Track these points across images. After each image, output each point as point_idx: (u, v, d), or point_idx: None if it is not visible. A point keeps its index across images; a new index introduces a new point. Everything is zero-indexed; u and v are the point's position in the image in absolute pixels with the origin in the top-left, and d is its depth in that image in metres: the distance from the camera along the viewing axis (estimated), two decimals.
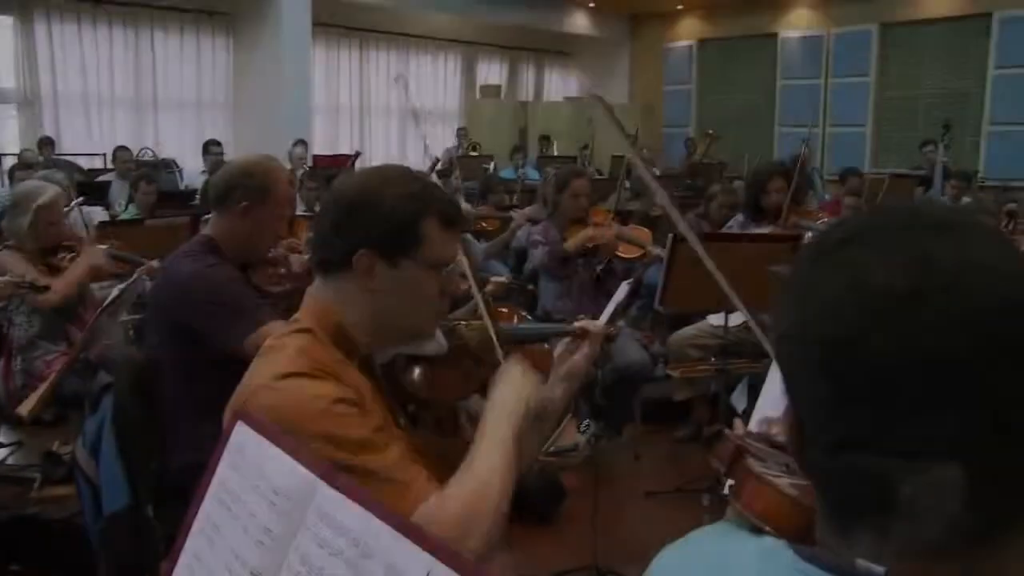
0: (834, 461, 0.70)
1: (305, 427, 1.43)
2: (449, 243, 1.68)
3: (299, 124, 11.23)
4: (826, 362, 0.69)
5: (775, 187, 4.95)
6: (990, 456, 0.65)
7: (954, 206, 1.28)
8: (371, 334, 1.65)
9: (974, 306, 0.65)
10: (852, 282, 0.68)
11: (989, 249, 0.68)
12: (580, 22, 15.47)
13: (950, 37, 12.65)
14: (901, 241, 0.69)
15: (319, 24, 12.28)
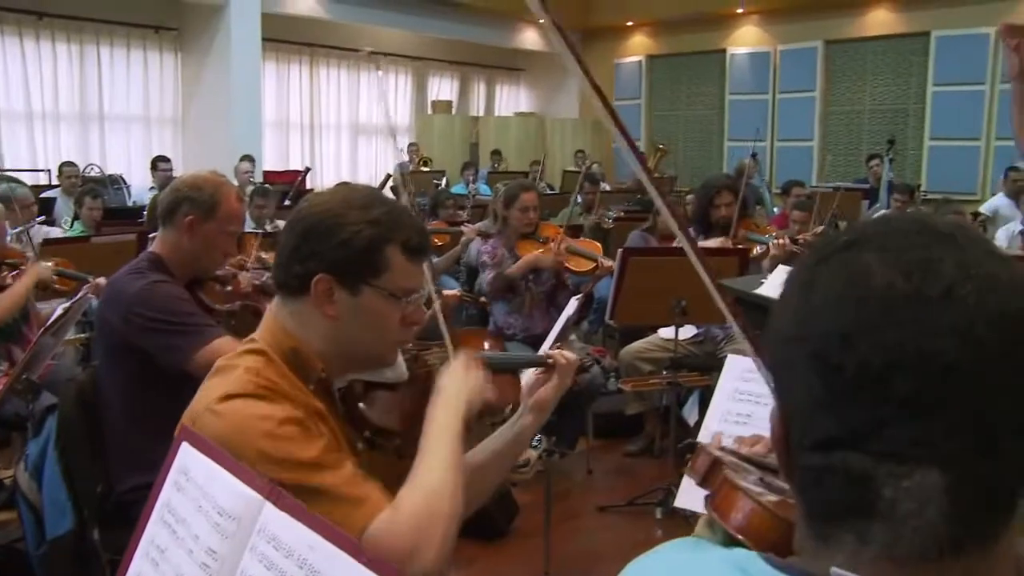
0: (819, 461, 0.71)
1: (252, 449, 1.41)
2: (413, 272, 1.63)
3: (249, 140, 11.14)
4: (822, 358, 0.69)
5: (723, 201, 5.00)
6: (972, 465, 0.66)
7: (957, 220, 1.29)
8: (328, 360, 1.61)
9: (972, 313, 0.66)
10: (853, 281, 0.70)
11: (989, 260, 0.69)
12: (530, 38, 15.55)
13: (891, 54, 12.93)
14: (904, 246, 0.70)
15: (269, 39, 12.19)
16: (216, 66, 11.63)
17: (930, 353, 0.66)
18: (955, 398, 0.66)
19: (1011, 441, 0.67)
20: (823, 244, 0.76)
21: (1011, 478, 0.69)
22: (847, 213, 8.35)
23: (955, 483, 0.66)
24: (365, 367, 1.70)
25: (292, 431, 1.45)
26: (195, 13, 11.71)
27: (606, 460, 4.96)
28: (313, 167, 12.41)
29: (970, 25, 11.83)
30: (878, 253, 0.70)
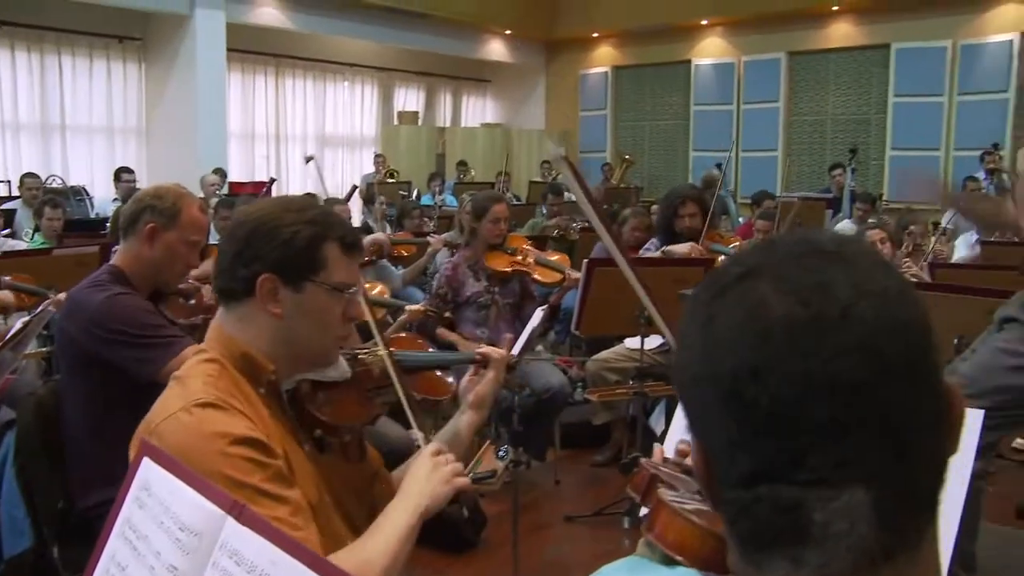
0: (746, 494, 0.70)
1: (204, 463, 1.44)
2: (350, 267, 1.72)
3: (214, 151, 11.09)
4: (732, 397, 0.69)
5: (687, 211, 5.03)
6: (894, 475, 0.68)
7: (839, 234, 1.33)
8: (277, 360, 1.66)
9: (869, 330, 0.67)
10: (752, 314, 0.69)
11: (877, 273, 0.70)
12: (497, 49, 15.59)
13: (853, 66, 13.10)
14: (797, 271, 0.70)
15: (234, 50, 12.14)
16: (181, 76, 11.57)
17: (838, 375, 0.66)
18: (869, 415, 0.67)
19: (923, 443, 0.70)
20: (716, 277, 0.75)
21: (930, 478, 0.71)
22: (810, 222, 8.44)
23: (880, 496, 0.67)
24: (311, 365, 1.75)
25: (244, 451, 1.49)
26: (159, 23, 11.65)
27: (574, 470, 4.96)
28: (279, 178, 12.35)
29: (928, 38, 12.05)
30: (773, 282, 0.70)
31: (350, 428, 1.80)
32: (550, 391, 4.48)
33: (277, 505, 1.47)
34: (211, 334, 1.70)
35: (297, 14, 12.40)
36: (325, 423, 1.74)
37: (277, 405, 1.67)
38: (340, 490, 1.74)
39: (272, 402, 1.66)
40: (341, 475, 1.76)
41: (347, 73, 14.65)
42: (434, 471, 1.67)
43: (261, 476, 1.48)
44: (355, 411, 1.81)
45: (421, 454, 1.71)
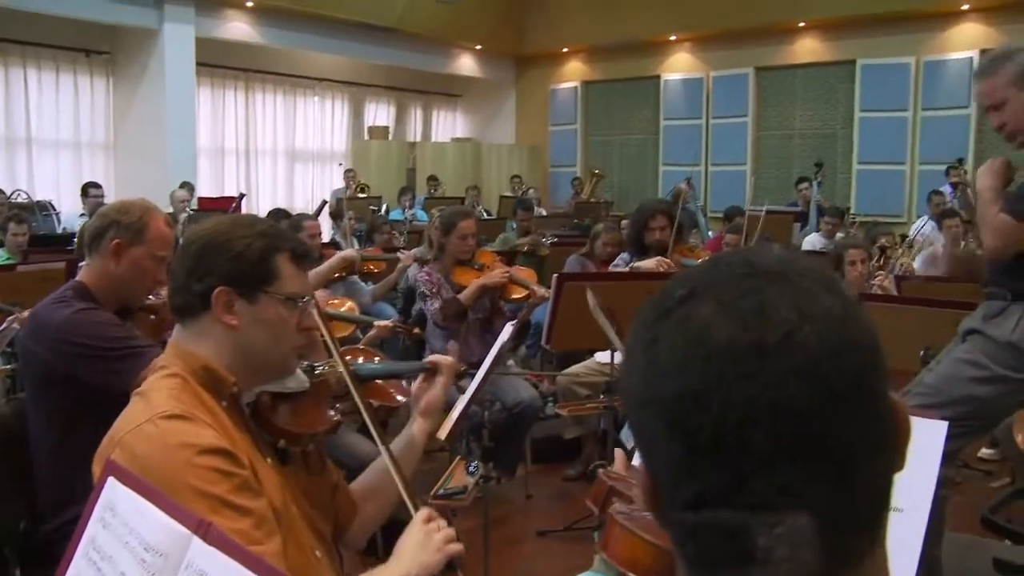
0: (692, 518, 0.70)
1: (171, 473, 1.46)
2: (301, 278, 1.77)
3: (183, 166, 11.02)
4: (676, 421, 0.69)
5: (657, 224, 5.06)
6: (837, 500, 0.68)
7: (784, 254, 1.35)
8: (237, 372, 1.69)
9: (812, 354, 0.67)
10: (695, 339, 0.69)
11: (821, 294, 0.70)
12: (467, 64, 15.63)
13: (819, 81, 13.25)
14: (740, 294, 0.69)
15: (203, 64, 12.09)
16: (149, 91, 11.50)
17: (780, 401, 0.66)
18: (812, 440, 0.67)
19: (867, 466, 0.69)
20: (660, 299, 0.74)
21: (874, 499, 0.71)
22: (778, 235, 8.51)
23: (824, 521, 0.67)
24: (270, 375, 1.78)
25: (210, 461, 1.50)
26: (127, 37, 11.57)
27: (545, 485, 4.96)
28: (249, 193, 12.30)
29: (892, 55, 12.22)
30: (715, 306, 0.69)
31: (312, 436, 1.83)
32: (520, 406, 4.48)
33: (241, 517, 1.48)
34: (169, 351, 1.73)
35: (267, 29, 12.37)
36: (288, 432, 1.77)
37: (240, 418, 1.70)
38: (304, 501, 1.76)
39: (235, 415, 1.68)
40: (304, 486, 1.79)
41: (317, 88, 14.63)
42: (426, 540, 1.65)
43: (227, 486, 1.49)
44: (316, 419, 1.85)
45: (412, 521, 1.70)
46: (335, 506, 1.89)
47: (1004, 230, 2.81)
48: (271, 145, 14.18)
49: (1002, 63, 2.86)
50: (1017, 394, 2.92)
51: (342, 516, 1.92)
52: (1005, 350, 2.85)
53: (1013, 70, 2.84)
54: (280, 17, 12.31)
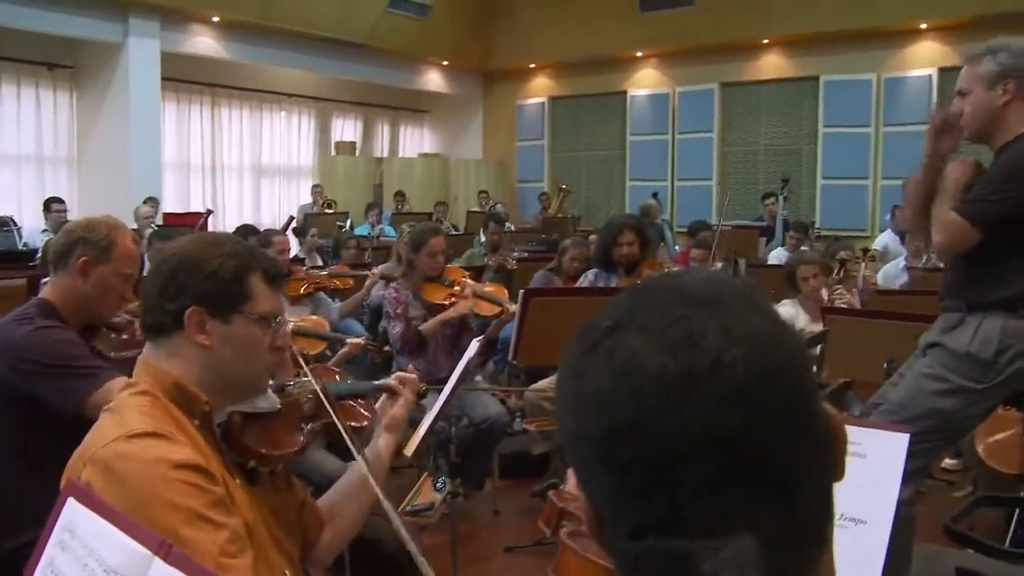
0: (634, 547, 0.69)
1: (145, 490, 1.45)
2: (275, 298, 1.77)
3: (148, 181, 10.92)
4: (608, 455, 0.68)
5: (625, 240, 5.08)
6: (778, 519, 0.68)
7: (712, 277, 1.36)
8: (208, 391, 1.68)
9: (742, 379, 0.66)
10: (624, 370, 0.68)
11: (748, 316, 0.69)
12: (434, 80, 15.65)
13: (784, 97, 13.40)
14: (667, 322, 0.68)
15: (169, 79, 12.01)
16: (113, 105, 11.41)
17: (712, 428, 0.65)
18: (748, 464, 0.66)
19: (807, 484, 0.70)
20: (586, 330, 0.73)
21: (815, 513, 0.71)
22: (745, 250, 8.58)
23: (767, 542, 0.67)
24: (242, 395, 1.78)
25: (185, 476, 1.49)
26: (91, 51, 11.48)
27: (513, 500, 4.95)
28: (215, 209, 12.21)
29: (855, 71, 12.39)
30: (642, 336, 0.68)
31: (282, 457, 1.83)
32: (488, 421, 4.48)
33: (216, 531, 1.47)
34: (139, 369, 1.71)
35: (233, 43, 12.31)
36: (259, 453, 1.76)
37: (211, 437, 1.69)
38: (272, 520, 1.76)
39: (206, 434, 1.67)
40: (271, 506, 1.78)
41: (284, 103, 14.58)
42: None
43: (202, 501, 1.48)
44: (287, 441, 1.84)
45: None
46: (302, 523, 1.89)
47: (952, 228, 2.86)
48: (237, 160, 14.10)
49: (985, 56, 2.90)
50: (980, 404, 2.96)
51: (310, 532, 1.92)
52: (964, 361, 2.89)
53: (989, 68, 2.88)
54: (246, 32, 12.27)
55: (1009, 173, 2.84)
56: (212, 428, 1.71)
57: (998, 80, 2.86)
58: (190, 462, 1.51)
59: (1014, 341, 2.85)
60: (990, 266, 2.87)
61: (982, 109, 2.91)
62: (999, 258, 2.85)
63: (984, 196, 2.85)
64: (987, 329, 2.87)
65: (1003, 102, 2.87)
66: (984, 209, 2.83)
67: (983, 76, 2.90)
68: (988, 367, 2.86)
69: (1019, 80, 2.85)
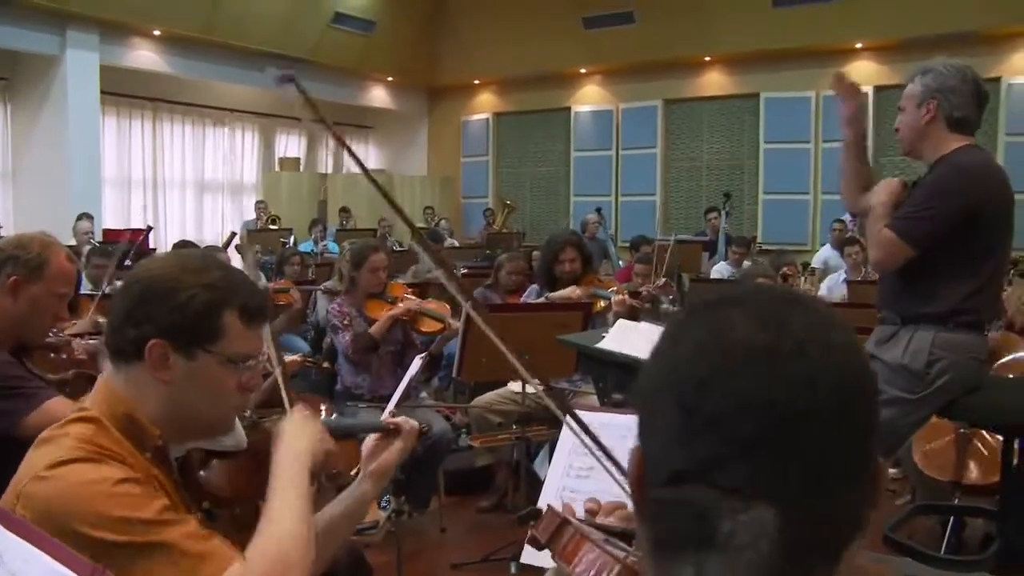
0: (669, 494, 0.76)
1: (89, 512, 1.37)
2: (251, 337, 1.63)
3: (87, 197, 10.73)
4: (683, 397, 0.75)
5: (567, 256, 5.10)
6: (803, 506, 0.73)
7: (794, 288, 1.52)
8: (165, 426, 1.57)
9: (817, 369, 0.74)
10: (718, 333, 0.77)
11: (829, 325, 0.78)
12: (379, 96, 15.62)
13: (725, 113, 13.61)
14: (761, 306, 0.78)
15: (108, 93, 11.84)
16: (51, 119, 11.21)
17: (777, 401, 0.73)
18: (792, 443, 0.73)
19: (841, 489, 0.75)
20: (693, 303, 0.84)
21: (840, 525, 0.76)
22: (688, 265, 8.67)
23: (787, 521, 0.72)
24: (202, 434, 1.67)
25: (130, 489, 1.42)
26: (28, 63, 11.27)
27: (459, 517, 4.93)
28: (156, 225, 12.04)
29: (795, 88, 12.62)
30: (739, 311, 0.78)
31: (241, 500, 1.69)
32: (432, 438, 4.46)
33: (178, 529, 1.41)
34: (97, 390, 1.60)
35: (174, 58, 12.18)
36: (215, 496, 1.65)
37: (166, 471, 1.57)
38: None
39: (160, 467, 1.56)
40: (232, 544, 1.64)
41: (227, 118, 14.44)
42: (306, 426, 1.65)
43: (154, 509, 1.41)
44: (249, 484, 1.68)
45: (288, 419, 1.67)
46: None
47: (887, 246, 2.96)
48: (179, 176, 13.93)
49: (917, 76, 3.06)
50: (914, 415, 3.03)
51: None
52: (898, 373, 2.97)
53: (917, 89, 3.03)
54: (189, 47, 12.14)
55: (933, 192, 2.96)
56: (168, 462, 1.59)
57: (923, 100, 3.01)
58: (128, 476, 1.44)
59: (944, 353, 2.93)
60: (922, 280, 2.95)
61: (911, 127, 3.07)
62: (930, 272, 2.94)
63: (912, 213, 2.95)
64: (919, 341, 2.95)
65: (926, 121, 3.01)
66: (914, 226, 2.93)
67: (913, 95, 3.05)
68: (920, 378, 2.95)
69: (940, 100, 2.99)
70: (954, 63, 3.04)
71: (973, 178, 2.95)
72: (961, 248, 2.92)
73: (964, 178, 2.94)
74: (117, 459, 1.48)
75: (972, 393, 3.01)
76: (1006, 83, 11.31)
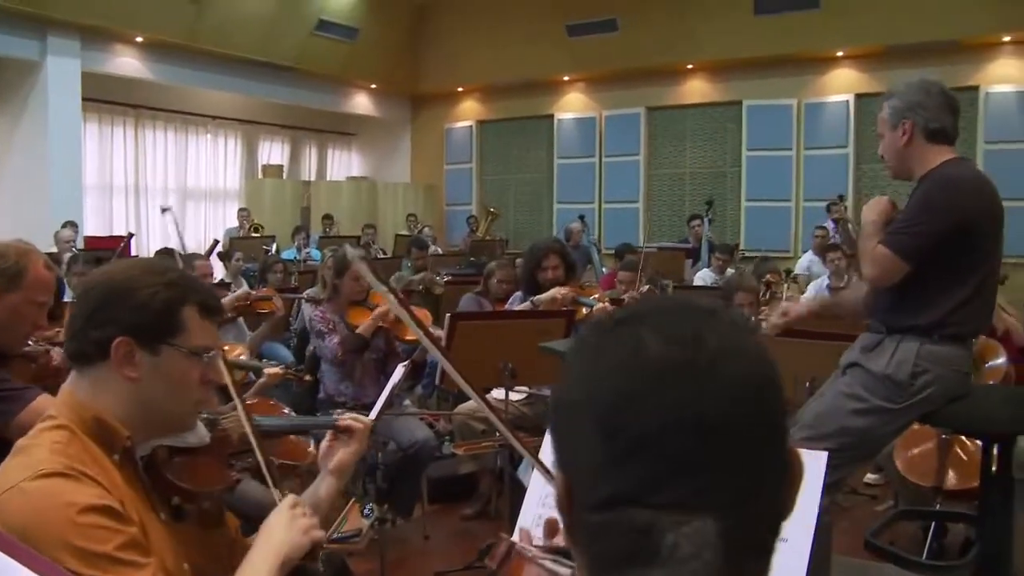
0: (605, 516, 0.75)
1: (52, 535, 1.39)
2: (209, 331, 1.70)
3: (68, 205, 10.65)
4: (605, 422, 0.75)
5: (550, 264, 5.10)
6: (741, 514, 0.74)
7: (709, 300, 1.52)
8: (133, 425, 1.61)
9: (739, 380, 0.75)
10: (634, 351, 0.76)
11: (741, 334, 0.79)
12: (362, 103, 15.60)
13: (708, 121, 13.65)
14: (676, 321, 0.78)
15: (90, 99, 11.77)
16: (32, 125, 11.12)
17: (701, 415, 0.73)
18: (723, 453, 0.74)
19: (771, 491, 0.77)
20: (606, 319, 0.83)
21: (770, 526, 0.78)
22: (671, 272, 8.70)
23: (726, 527, 0.73)
24: (169, 430, 1.71)
25: (94, 519, 1.44)
26: (7, 69, 11.17)
27: (443, 524, 4.92)
28: (138, 233, 11.96)
29: (776, 96, 12.70)
30: (655, 328, 0.78)
31: (209, 494, 1.76)
32: (416, 446, 4.45)
33: (133, 572, 1.43)
34: (61, 399, 1.64)
35: (157, 64, 12.12)
36: (183, 489, 1.69)
37: (132, 472, 1.61)
38: (199, 558, 1.69)
39: (127, 469, 1.60)
40: (200, 543, 1.71)
41: (210, 125, 14.39)
42: (292, 522, 1.66)
43: (114, 544, 1.43)
44: (214, 477, 1.77)
45: (279, 507, 1.71)
46: (233, 563, 1.81)
47: (882, 262, 2.97)
48: (162, 183, 13.86)
49: (885, 102, 3.10)
50: (894, 424, 3.05)
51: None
52: (882, 382, 2.98)
53: (887, 111, 3.07)
54: (172, 53, 12.08)
55: (920, 208, 2.98)
56: (134, 462, 1.63)
57: (897, 122, 3.04)
58: (98, 504, 1.45)
59: (929, 365, 2.95)
60: (909, 291, 2.97)
61: (891, 150, 3.10)
62: (918, 284, 2.96)
63: (905, 229, 2.97)
64: (904, 352, 2.97)
65: (904, 141, 3.04)
66: (908, 242, 2.94)
67: (886, 119, 3.09)
68: (903, 388, 2.96)
69: (913, 118, 3.02)
70: (915, 80, 3.09)
71: (962, 193, 2.97)
72: (949, 261, 2.94)
73: (953, 193, 2.96)
74: (90, 473, 1.50)
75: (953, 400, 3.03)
76: (984, 91, 11.41)
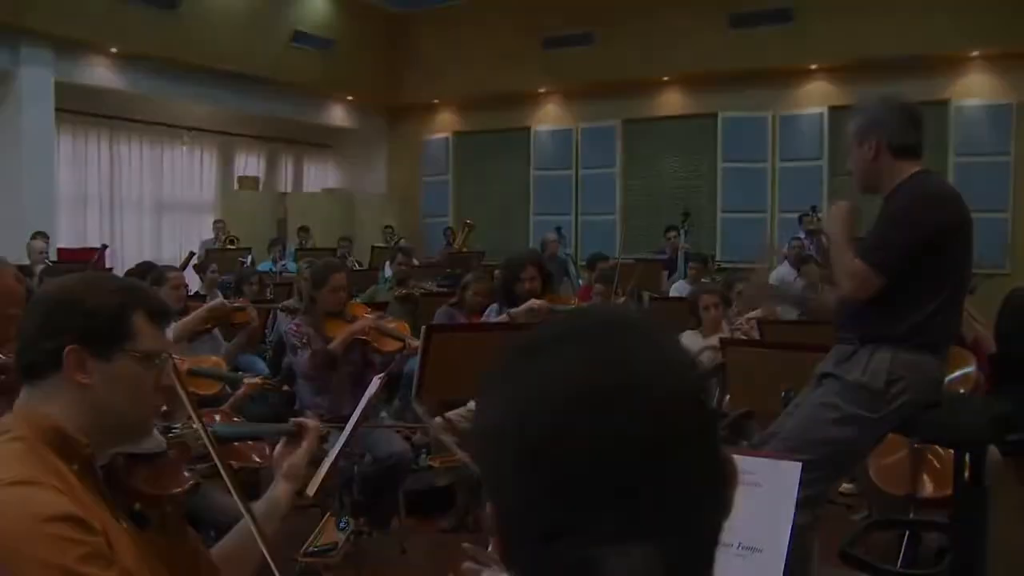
0: (541, 551, 0.72)
1: (14, 547, 1.39)
2: (160, 336, 1.72)
3: (41, 216, 10.53)
4: (533, 453, 0.71)
5: (527, 275, 5.10)
6: (681, 534, 0.72)
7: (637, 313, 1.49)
8: (90, 434, 1.60)
9: (663, 400, 0.72)
10: (560, 377, 0.73)
11: (669, 347, 0.77)
12: (338, 115, 15.58)
13: (684, 133, 13.73)
14: (601, 342, 0.75)
15: (63, 110, 11.69)
16: (3, 135, 11.02)
17: (634, 439, 0.71)
18: (663, 476, 0.71)
19: (707, 504, 0.75)
20: (528, 341, 0.79)
21: (711, 537, 0.76)
22: (648, 283, 8.72)
23: (670, 549, 0.71)
24: (126, 437, 1.71)
25: (58, 530, 1.43)
26: None
27: (420, 537, 4.90)
28: (113, 245, 11.86)
29: (751, 109, 12.80)
30: (580, 351, 0.75)
31: (171, 498, 1.76)
32: (392, 458, 4.44)
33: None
34: (16, 415, 1.62)
35: (132, 75, 12.05)
36: (145, 494, 1.70)
37: (92, 482, 1.60)
38: (162, 567, 1.68)
39: (87, 479, 1.59)
40: (162, 551, 1.71)
41: (185, 137, 14.31)
42: None
43: (76, 555, 1.42)
44: (173, 480, 1.78)
45: None
46: (199, 570, 1.82)
47: (860, 276, 2.98)
48: (137, 195, 13.77)
49: (852, 117, 3.17)
50: (872, 433, 3.07)
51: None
52: (857, 391, 3.00)
53: (853, 127, 3.12)
54: (146, 64, 12.02)
55: (893, 223, 3.03)
56: (94, 471, 1.62)
57: (863, 138, 3.09)
58: (63, 513, 1.45)
59: (904, 373, 2.98)
60: (881, 301, 2.99)
61: (859, 166, 3.15)
62: (889, 294, 2.99)
63: (880, 244, 3.00)
64: (878, 361, 2.99)
65: (871, 157, 3.08)
66: (885, 257, 2.97)
67: (853, 136, 3.13)
68: (879, 397, 2.98)
69: (879, 134, 3.06)
70: (877, 97, 3.16)
71: (932, 207, 3.01)
72: (921, 271, 2.97)
73: (921, 206, 3.00)
74: (53, 483, 1.49)
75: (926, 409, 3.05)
76: (955, 105, 11.56)
